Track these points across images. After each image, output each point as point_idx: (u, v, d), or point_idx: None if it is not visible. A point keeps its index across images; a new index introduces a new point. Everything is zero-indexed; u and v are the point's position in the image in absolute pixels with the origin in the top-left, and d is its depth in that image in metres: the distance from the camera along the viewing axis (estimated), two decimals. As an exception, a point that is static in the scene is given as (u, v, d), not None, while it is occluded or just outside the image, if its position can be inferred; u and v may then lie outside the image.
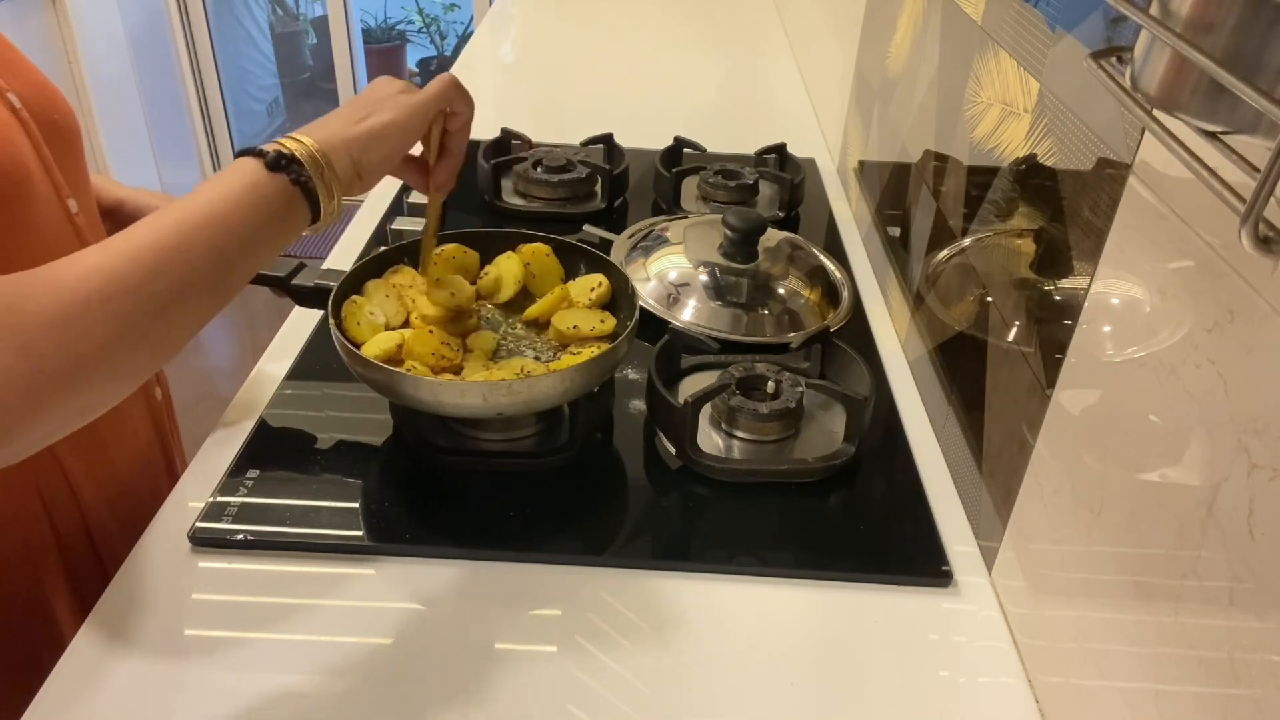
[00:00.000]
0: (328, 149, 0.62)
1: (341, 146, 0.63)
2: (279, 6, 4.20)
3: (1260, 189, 0.35)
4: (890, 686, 0.66)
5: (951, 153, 0.93)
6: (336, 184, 0.62)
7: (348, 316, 0.82)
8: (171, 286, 0.53)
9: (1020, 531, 0.70)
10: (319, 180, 0.60)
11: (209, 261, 0.55)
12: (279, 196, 0.59)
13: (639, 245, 1.12)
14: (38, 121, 0.71)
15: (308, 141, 0.61)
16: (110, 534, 0.80)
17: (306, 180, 0.60)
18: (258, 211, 0.57)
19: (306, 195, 0.60)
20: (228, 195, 0.57)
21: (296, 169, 0.59)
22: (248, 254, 0.58)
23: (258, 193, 0.58)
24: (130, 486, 0.83)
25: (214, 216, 0.55)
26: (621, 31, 2.20)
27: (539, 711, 0.63)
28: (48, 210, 0.71)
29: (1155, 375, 0.53)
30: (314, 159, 0.61)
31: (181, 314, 0.54)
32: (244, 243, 0.57)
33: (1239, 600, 0.45)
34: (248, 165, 0.59)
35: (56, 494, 0.75)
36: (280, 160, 0.59)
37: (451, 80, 0.70)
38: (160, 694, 0.62)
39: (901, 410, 0.93)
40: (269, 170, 0.59)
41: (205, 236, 0.55)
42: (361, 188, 0.66)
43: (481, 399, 0.74)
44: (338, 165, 0.62)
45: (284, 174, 0.59)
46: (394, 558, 0.73)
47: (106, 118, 3.01)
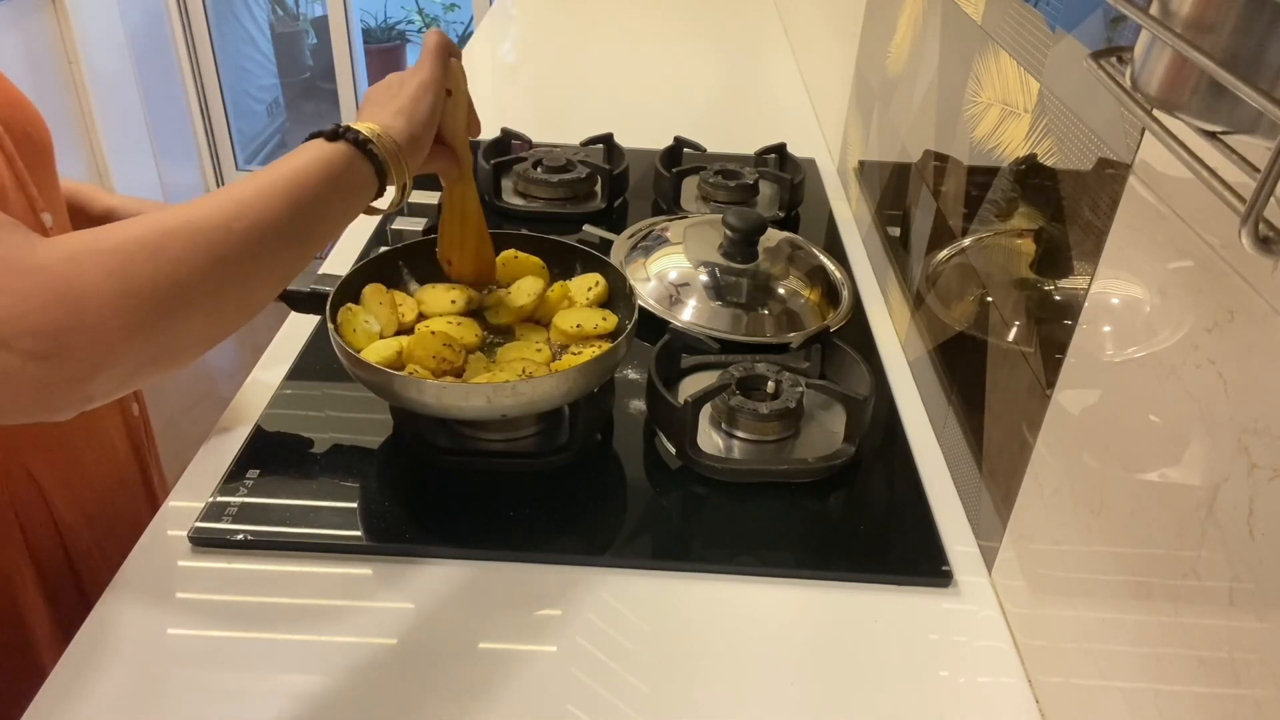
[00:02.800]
0: (381, 123, 0.67)
1: (393, 117, 0.68)
2: (279, 6, 4.20)
3: (1260, 189, 0.35)
4: (890, 686, 0.66)
5: (951, 153, 0.93)
6: (400, 151, 0.67)
7: (343, 324, 0.82)
8: (255, 229, 0.56)
9: (1020, 531, 0.70)
10: (379, 146, 0.65)
11: (288, 211, 0.58)
12: (343, 160, 0.63)
13: (639, 245, 1.12)
14: (11, 135, 0.70)
15: (360, 127, 0.66)
16: (87, 550, 0.80)
17: (365, 142, 0.64)
18: (326, 172, 0.62)
19: (369, 159, 0.64)
20: (295, 162, 0.61)
21: (354, 134, 0.64)
22: (321, 210, 0.61)
23: (324, 157, 0.62)
24: (107, 503, 0.83)
25: (290, 175, 0.59)
26: (621, 31, 2.20)
27: (539, 711, 0.63)
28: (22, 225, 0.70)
29: (1155, 375, 0.53)
30: (371, 128, 0.65)
31: (268, 256, 0.57)
32: (317, 199, 0.60)
33: (1239, 600, 0.45)
34: (312, 142, 0.64)
35: (31, 510, 0.75)
36: (338, 130, 0.64)
37: (438, 32, 0.74)
38: (159, 693, 0.62)
39: (901, 410, 0.93)
40: (329, 141, 0.63)
41: (282, 190, 0.58)
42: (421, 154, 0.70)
43: (486, 401, 0.74)
44: (396, 133, 0.67)
45: (343, 140, 0.64)
46: (394, 558, 0.73)
47: (106, 118, 3.01)
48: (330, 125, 0.64)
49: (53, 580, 0.77)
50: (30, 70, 2.72)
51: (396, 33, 4.49)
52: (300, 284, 0.89)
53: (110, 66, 3.04)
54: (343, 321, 0.82)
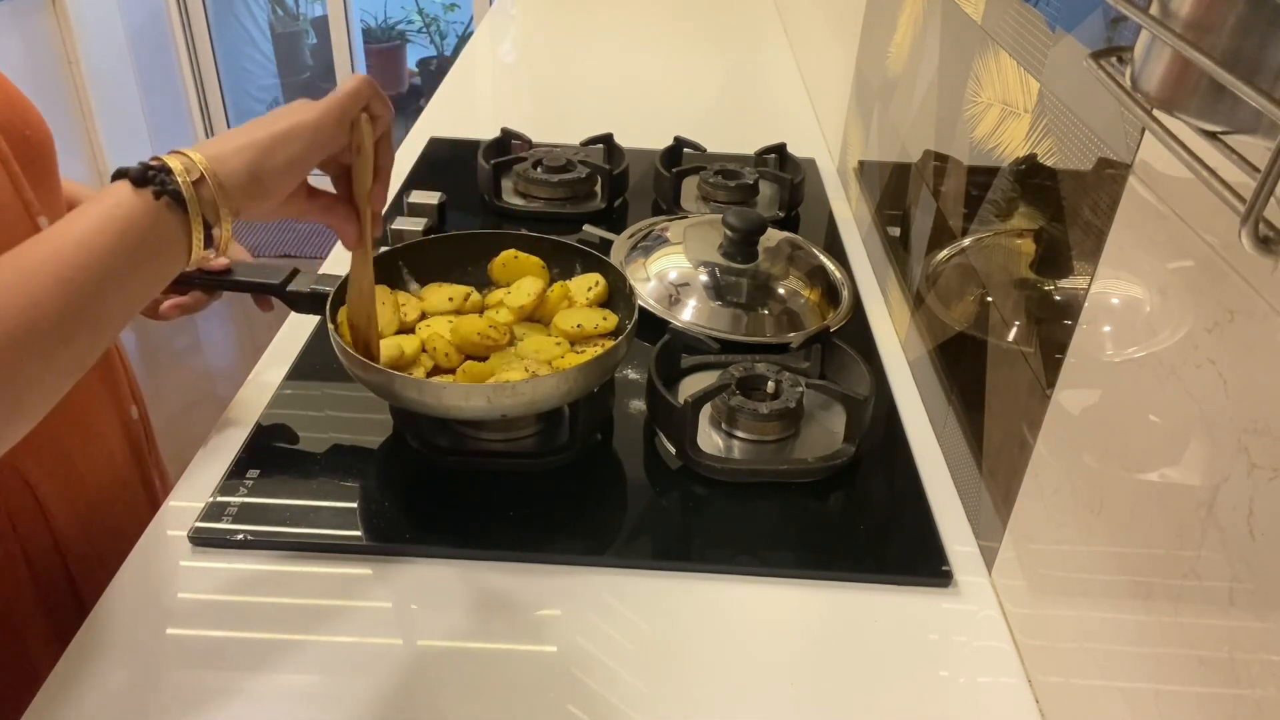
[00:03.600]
0: (215, 157, 0.55)
1: (234, 154, 0.56)
2: (279, 6, 4.20)
3: (1260, 189, 0.35)
4: (890, 686, 0.66)
5: (951, 153, 0.93)
6: (224, 197, 0.55)
7: (343, 324, 0.82)
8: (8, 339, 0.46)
9: (1020, 531, 0.70)
10: (194, 193, 0.53)
11: (58, 304, 0.48)
12: (145, 216, 0.52)
13: (639, 245, 1.12)
14: (9, 138, 0.69)
15: (193, 155, 0.55)
16: (84, 555, 0.79)
17: (175, 190, 0.52)
18: (120, 237, 0.50)
19: (180, 209, 0.53)
20: (87, 224, 0.50)
21: (163, 179, 0.53)
22: (111, 287, 0.50)
23: (121, 212, 0.51)
24: (105, 507, 0.82)
25: (65, 251, 0.49)
26: (621, 31, 2.20)
27: (539, 711, 0.63)
28: (16, 229, 0.69)
29: (1155, 375, 0.53)
30: (191, 167, 0.54)
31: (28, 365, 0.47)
32: (103, 276, 0.50)
33: (1239, 600, 0.45)
34: (115, 186, 0.52)
35: (25, 514, 0.74)
36: (147, 174, 0.52)
37: (365, 78, 0.64)
38: (159, 693, 0.62)
39: (901, 410, 0.93)
40: (135, 186, 0.52)
41: (50, 277, 0.48)
42: (264, 201, 0.59)
43: (486, 401, 0.74)
44: (228, 175, 0.55)
45: (150, 186, 0.52)
46: (394, 558, 0.73)
47: (106, 118, 3.01)
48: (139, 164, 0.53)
49: (47, 585, 0.77)
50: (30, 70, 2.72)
51: (396, 33, 4.49)
52: (300, 284, 0.89)
53: (110, 66, 3.04)
54: (343, 322, 0.82)
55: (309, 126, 0.60)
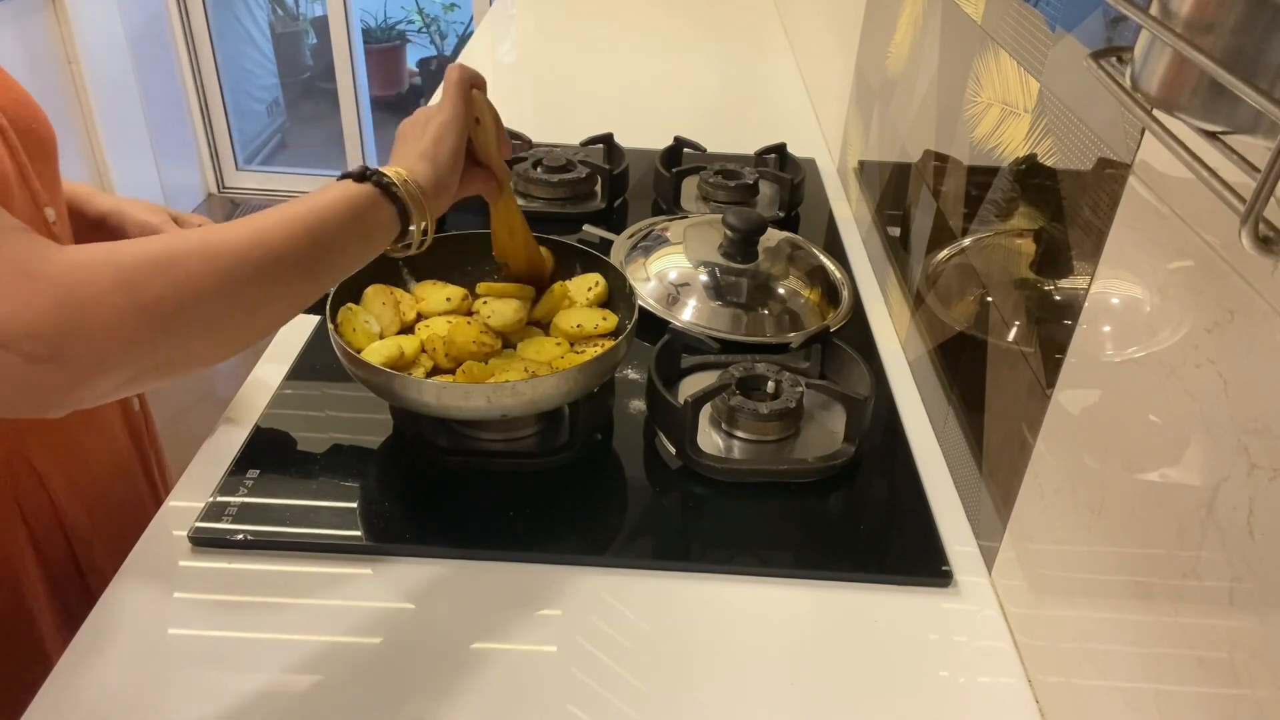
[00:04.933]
0: (407, 167, 0.69)
1: (417, 161, 0.70)
2: (279, 6, 4.20)
3: (1260, 189, 0.35)
4: (890, 686, 0.66)
5: (951, 153, 0.93)
6: (424, 195, 0.68)
7: (343, 323, 0.82)
8: (272, 258, 0.57)
9: (1020, 531, 0.70)
10: (404, 190, 0.67)
11: (307, 244, 0.59)
12: (369, 200, 0.65)
13: (639, 245, 1.12)
14: (16, 131, 0.71)
15: (388, 171, 0.68)
16: (89, 542, 0.80)
17: (389, 185, 0.66)
18: (350, 211, 0.63)
19: (393, 201, 0.66)
20: (321, 199, 0.62)
21: (378, 175, 0.66)
22: (338, 246, 0.63)
23: (351, 193, 0.64)
24: (108, 495, 0.83)
25: (314, 209, 0.61)
26: (621, 31, 2.20)
27: (539, 711, 0.63)
28: (26, 220, 0.70)
29: (1155, 375, 0.53)
30: (396, 173, 0.67)
31: (280, 287, 0.58)
32: (338, 235, 0.62)
33: (1239, 600, 0.45)
34: (340, 184, 0.65)
35: (34, 502, 0.75)
36: (365, 173, 0.66)
37: (460, 65, 0.76)
38: (158, 693, 0.62)
39: (901, 410, 0.93)
40: (356, 181, 0.65)
41: (304, 224, 0.60)
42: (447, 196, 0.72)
43: (486, 401, 0.74)
44: (421, 178, 0.69)
45: (369, 181, 0.65)
46: (394, 558, 0.73)
47: (106, 118, 3.01)
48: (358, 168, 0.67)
49: (55, 568, 0.78)
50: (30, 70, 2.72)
51: (396, 33, 4.49)
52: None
53: (110, 66, 3.04)
54: (343, 321, 0.82)
55: (451, 119, 0.73)
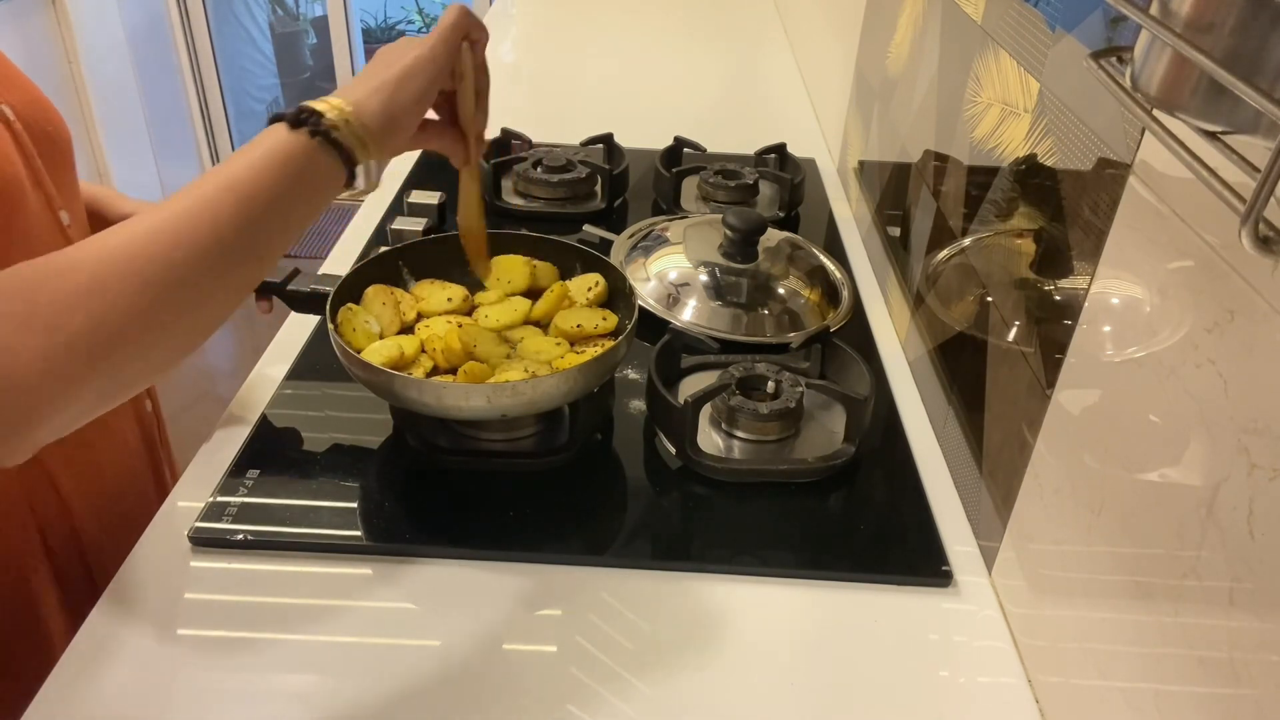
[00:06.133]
0: (354, 101, 0.61)
1: (370, 95, 0.62)
2: (279, 6, 4.20)
3: (1260, 189, 0.35)
4: (890, 686, 0.66)
5: (951, 153, 0.93)
6: (369, 135, 0.60)
7: (343, 323, 0.82)
8: (199, 253, 0.52)
9: (1020, 531, 0.70)
10: (346, 131, 0.59)
11: (237, 225, 0.53)
12: (302, 153, 0.57)
13: (639, 245, 1.12)
14: (30, 133, 0.71)
15: (333, 100, 0.60)
16: (98, 544, 0.80)
17: (327, 131, 0.58)
18: (283, 170, 0.56)
19: (334, 148, 0.59)
20: (252, 159, 0.56)
21: (316, 121, 0.58)
22: (278, 215, 0.56)
23: (281, 151, 0.57)
24: (119, 497, 0.83)
25: (238, 180, 0.54)
26: (621, 31, 2.20)
27: (539, 711, 0.63)
28: (40, 223, 0.70)
29: (1155, 375, 0.53)
30: (339, 111, 0.59)
31: (214, 281, 0.53)
32: (272, 203, 0.55)
33: (1239, 600, 0.45)
34: (272, 129, 0.58)
35: (46, 504, 0.75)
36: (300, 116, 0.58)
37: (462, 8, 0.67)
38: (158, 693, 0.62)
39: (901, 410, 0.93)
40: (290, 129, 0.58)
41: (231, 201, 0.53)
42: (400, 136, 0.64)
43: (486, 401, 0.74)
44: (367, 115, 0.61)
45: (304, 128, 0.58)
46: (394, 558, 0.73)
47: (106, 118, 3.01)
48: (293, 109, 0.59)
49: (66, 571, 0.78)
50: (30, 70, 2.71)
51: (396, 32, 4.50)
52: (300, 284, 0.89)
53: (110, 66, 3.04)
54: (343, 321, 0.82)
55: (426, 59, 0.64)
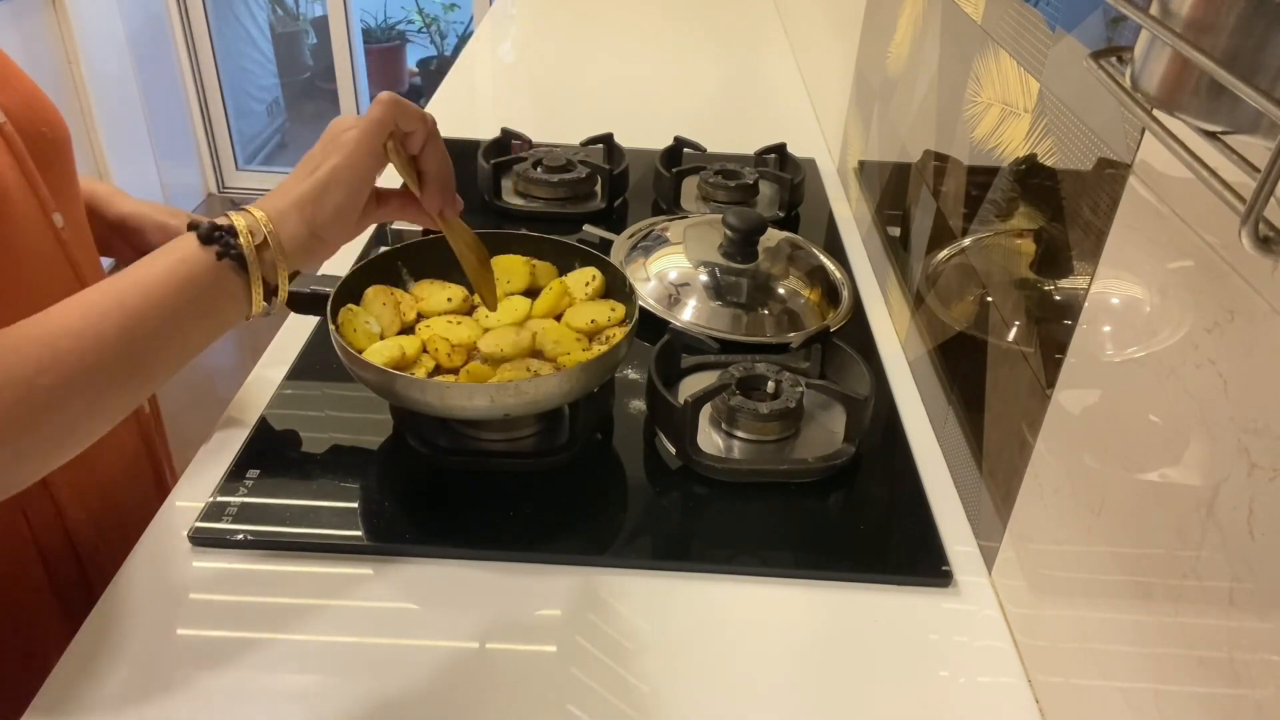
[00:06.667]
0: (276, 216, 0.58)
1: (291, 209, 0.59)
2: (279, 6, 4.20)
3: (1260, 189, 0.35)
4: (890, 686, 0.66)
5: (951, 153, 0.93)
6: (282, 256, 0.57)
7: (344, 324, 0.82)
8: (66, 380, 0.49)
9: (1020, 531, 0.70)
10: (255, 255, 0.56)
11: (118, 348, 0.51)
12: (207, 273, 0.55)
13: (639, 245, 1.12)
14: (24, 134, 0.70)
15: (256, 212, 0.57)
16: (95, 546, 0.80)
17: (238, 253, 0.55)
18: (182, 290, 0.53)
19: (242, 270, 0.56)
20: (154, 272, 0.53)
21: (228, 240, 0.55)
22: (169, 336, 0.53)
23: (185, 268, 0.54)
24: (116, 499, 0.83)
25: (130, 298, 0.52)
26: (621, 31, 2.20)
27: (539, 711, 0.63)
28: (29, 226, 0.69)
29: (1155, 375, 0.53)
30: (255, 230, 0.56)
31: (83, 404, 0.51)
32: (163, 324, 0.53)
33: (1239, 600, 0.45)
34: (184, 239, 0.55)
35: (39, 506, 0.74)
36: (214, 233, 0.55)
37: (389, 98, 0.63)
38: (158, 693, 0.62)
39: (901, 410, 0.93)
40: (201, 244, 0.55)
41: (115, 322, 0.51)
42: (322, 255, 0.61)
43: (489, 400, 0.74)
44: (286, 233, 0.58)
45: (215, 246, 0.55)
46: (394, 558, 0.73)
47: (106, 118, 3.01)
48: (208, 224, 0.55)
49: (61, 577, 0.77)
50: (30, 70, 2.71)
51: (396, 33, 4.49)
52: (300, 285, 0.89)
53: (110, 66, 3.04)
54: (343, 322, 0.82)
55: (344, 169, 0.61)
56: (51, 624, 0.77)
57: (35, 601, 0.75)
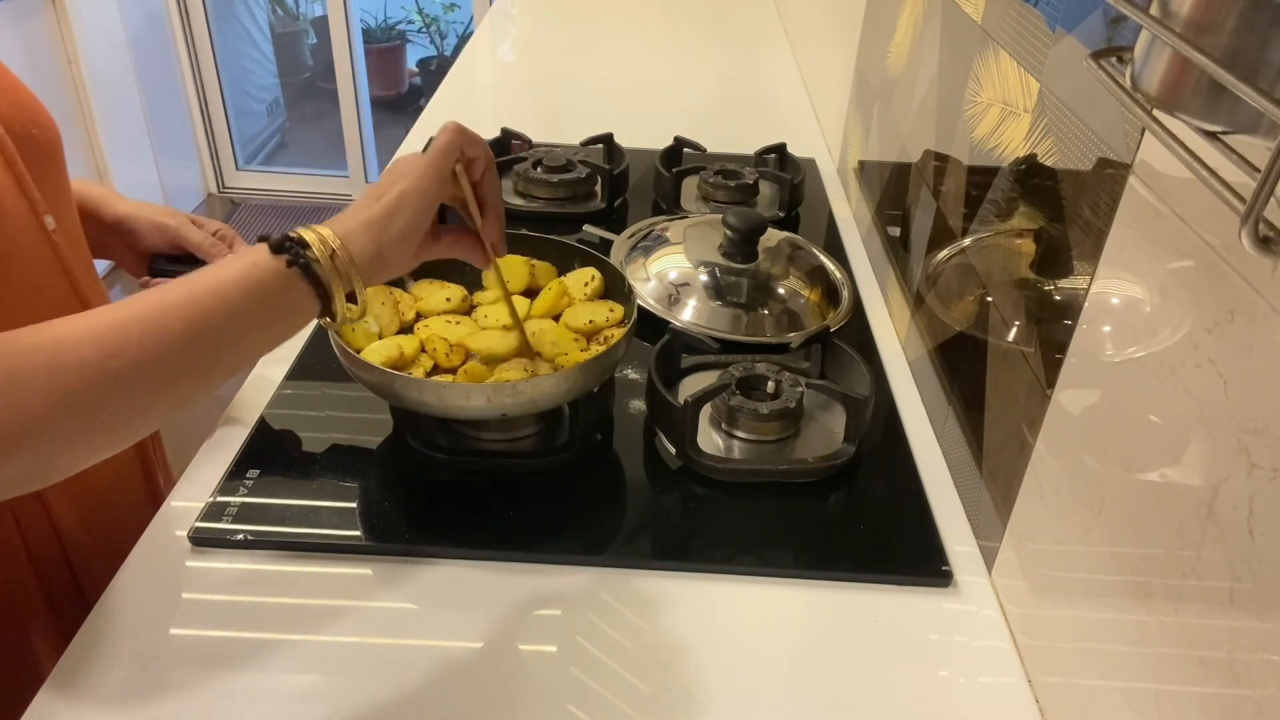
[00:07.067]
0: (344, 233, 0.60)
1: (359, 229, 0.61)
2: (279, 6, 4.20)
3: (1260, 189, 0.35)
4: (890, 686, 0.66)
5: (951, 153, 0.93)
6: (355, 270, 0.59)
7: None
8: (135, 367, 0.50)
9: (1020, 531, 0.70)
10: (328, 265, 0.58)
11: (184, 343, 0.52)
12: (277, 279, 0.56)
13: (639, 245, 1.12)
14: (13, 136, 0.70)
15: (322, 230, 0.59)
16: (86, 550, 0.79)
17: (307, 263, 0.57)
18: (250, 294, 0.55)
19: (310, 280, 0.57)
20: (224, 276, 0.54)
21: (298, 250, 0.57)
22: (233, 338, 0.55)
23: (256, 272, 0.55)
24: (107, 503, 0.82)
25: (201, 295, 0.53)
26: (621, 31, 2.20)
27: (539, 711, 0.63)
28: (20, 228, 0.69)
29: (1155, 375, 0.53)
30: (324, 243, 0.58)
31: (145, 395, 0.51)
32: (229, 326, 0.54)
33: (1239, 600, 0.45)
34: (257, 248, 0.57)
35: (28, 509, 0.74)
36: (285, 243, 0.57)
37: (455, 127, 0.67)
38: (158, 693, 0.62)
39: (901, 410, 0.93)
40: (272, 253, 0.56)
41: (184, 316, 0.52)
42: (390, 269, 0.63)
43: (486, 400, 0.74)
44: (355, 248, 0.60)
45: (285, 255, 0.56)
46: (394, 558, 0.73)
47: (106, 118, 3.01)
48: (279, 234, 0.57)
49: (52, 583, 0.77)
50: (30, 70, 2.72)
51: (396, 33, 4.49)
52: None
53: (110, 66, 3.04)
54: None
55: (413, 193, 0.63)
56: (43, 630, 0.76)
57: (27, 606, 0.75)
